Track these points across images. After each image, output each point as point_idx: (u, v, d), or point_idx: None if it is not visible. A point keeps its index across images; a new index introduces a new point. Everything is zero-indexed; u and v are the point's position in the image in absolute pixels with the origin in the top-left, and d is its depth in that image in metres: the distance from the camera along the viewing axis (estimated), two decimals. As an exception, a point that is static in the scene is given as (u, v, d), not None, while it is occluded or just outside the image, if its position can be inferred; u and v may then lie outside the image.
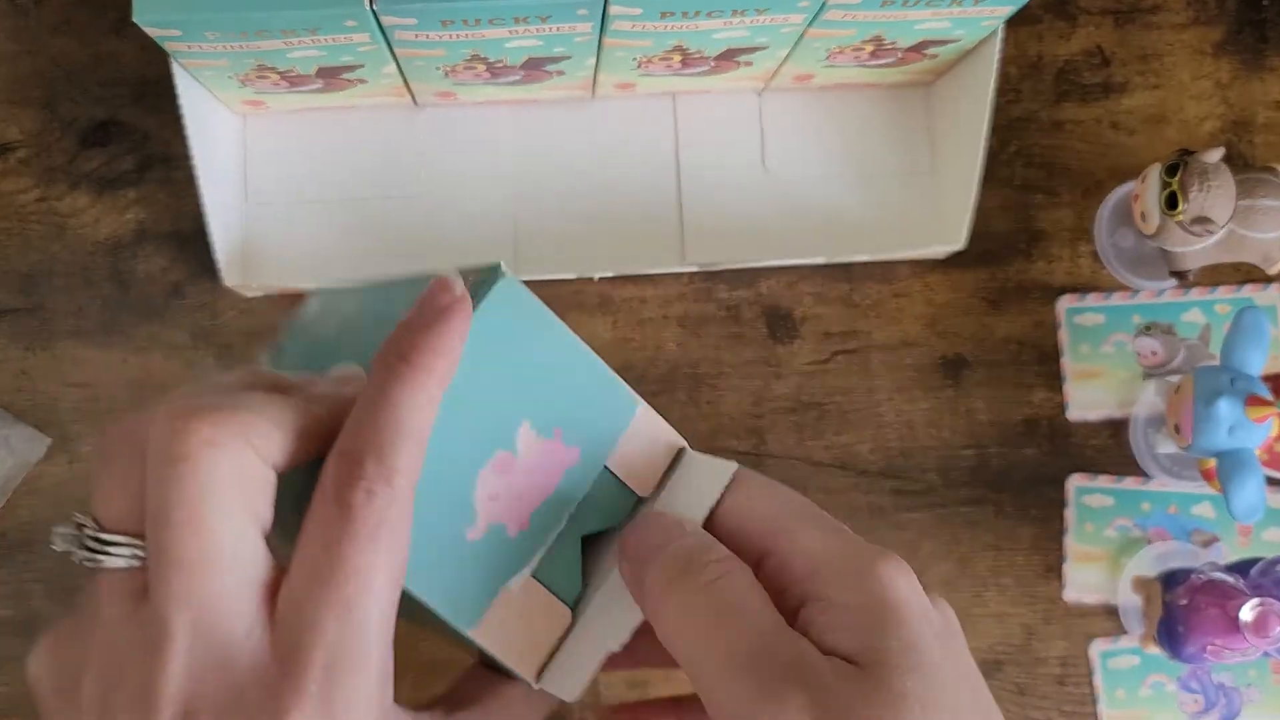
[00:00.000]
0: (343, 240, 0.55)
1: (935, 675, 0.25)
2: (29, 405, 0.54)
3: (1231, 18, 0.59)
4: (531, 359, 0.26)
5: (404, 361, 0.24)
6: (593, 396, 0.27)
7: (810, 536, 0.27)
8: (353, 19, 0.43)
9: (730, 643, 0.25)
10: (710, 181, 0.57)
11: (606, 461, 0.28)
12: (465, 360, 0.24)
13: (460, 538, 0.26)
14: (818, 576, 0.26)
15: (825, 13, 0.46)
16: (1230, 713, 0.56)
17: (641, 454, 0.28)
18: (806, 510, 0.29)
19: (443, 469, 0.25)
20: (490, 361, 0.24)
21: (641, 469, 0.28)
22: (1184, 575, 0.51)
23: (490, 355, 0.24)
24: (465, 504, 0.26)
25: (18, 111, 0.55)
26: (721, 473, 0.28)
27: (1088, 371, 0.57)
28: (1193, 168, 0.50)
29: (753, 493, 0.29)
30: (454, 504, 0.26)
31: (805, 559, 0.27)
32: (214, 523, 0.22)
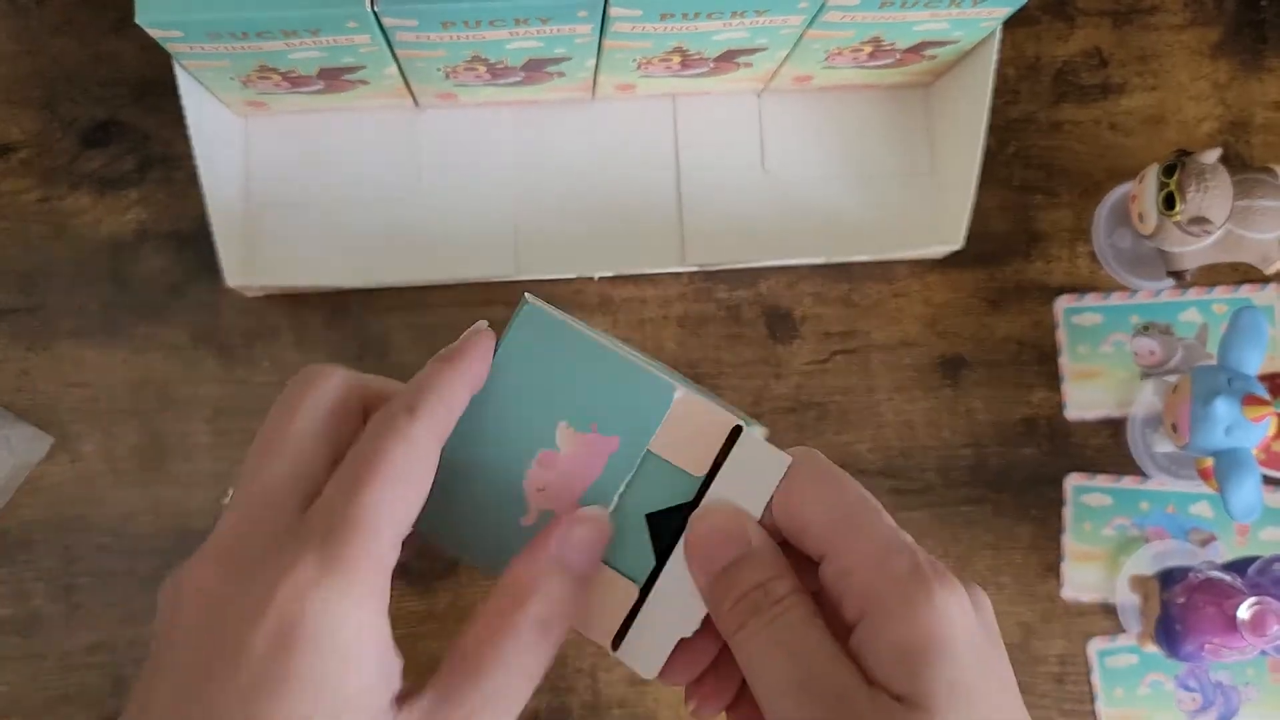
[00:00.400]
0: (344, 240, 0.55)
1: (976, 711, 0.26)
2: (30, 405, 0.54)
3: (1230, 19, 0.59)
4: (561, 367, 0.31)
5: (444, 360, 0.31)
6: (625, 389, 0.30)
7: (866, 548, 0.28)
8: (354, 20, 0.43)
9: (786, 671, 0.27)
10: (710, 182, 0.57)
11: (650, 446, 0.30)
12: (503, 379, 0.30)
13: (517, 525, 0.31)
14: (871, 596, 0.27)
15: (824, 14, 0.46)
16: (1228, 711, 0.57)
17: (688, 436, 0.30)
18: (864, 511, 0.29)
19: (496, 470, 0.31)
20: (525, 376, 0.29)
21: (691, 449, 0.30)
22: (1182, 574, 0.51)
23: (524, 371, 0.29)
24: (518, 497, 0.31)
25: (19, 112, 0.56)
26: (776, 465, 0.29)
27: (1086, 371, 0.57)
28: (1190, 168, 0.50)
29: (810, 488, 0.29)
30: (508, 498, 0.31)
31: (861, 575, 0.27)
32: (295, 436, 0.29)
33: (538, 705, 0.54)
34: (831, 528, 0.28)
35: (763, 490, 0.29)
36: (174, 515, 0.54)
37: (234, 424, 0.55)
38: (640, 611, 0.30)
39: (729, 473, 0.29)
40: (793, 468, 0.29)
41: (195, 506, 0.54)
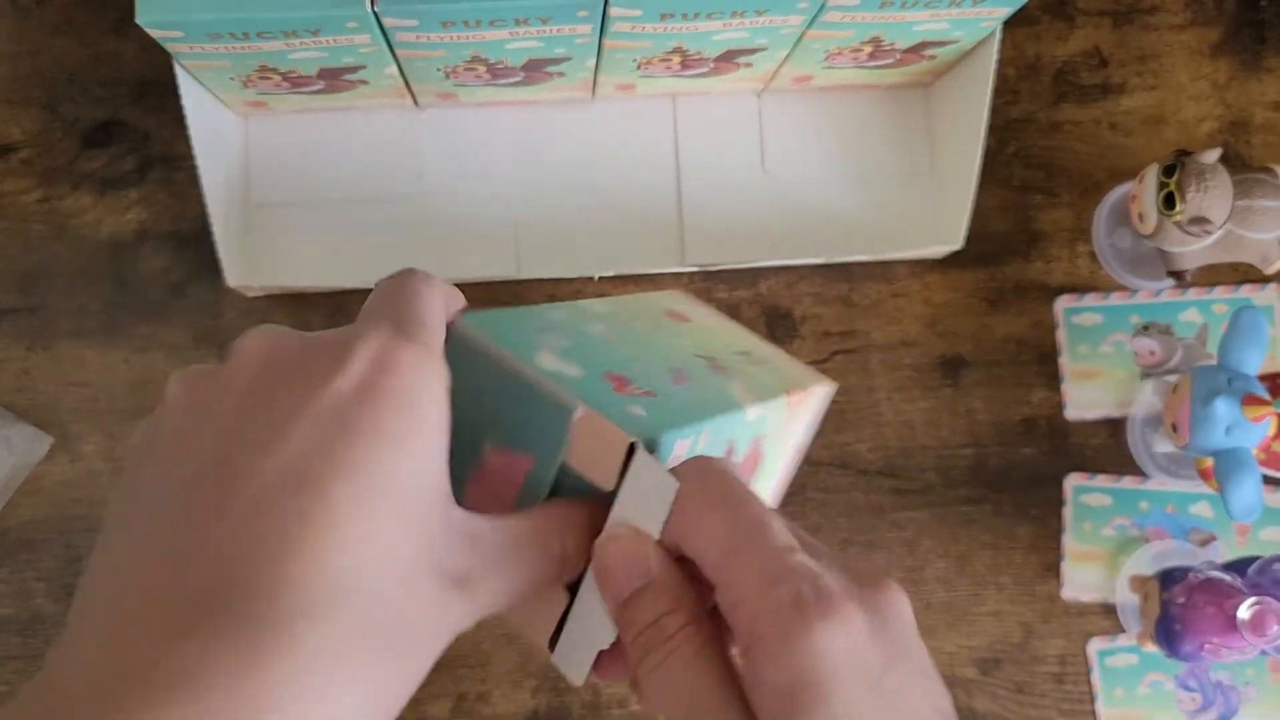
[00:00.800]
0: (344, 240, 0.56)
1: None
2: (30, 405, 0.54)
3: (1229, 19, 0.59)
4: (482, 391, 0.31)
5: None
6: (532, 408, 0.30)
7: (750, 580, 0.26)
8: (354, 20, 0.43)
9: (675, 711, 0.27)
10: (710, 182, 0.57)
11: (563, 460, 0.30)
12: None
13: None
14: (754, 632, 0.26)
15: (824, 14, 0.46)
16: (1228, 711, 0.57)
17: (592, 451, 0.30)
18: (751, 538, 0.27)
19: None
20: (457, 398, 0.28)
21: (598, 464, 0.30)
22: (1182, 574, 0.51)
23: (457, 398, 0.28)
24: None
25: (19, 112, 0.56)
26: (666, 490, 0.28)
27: (1086, 371, 0.57)
28: (1190, 168, 0.50)
29: (697, 515, 0.28)
30: None
31: (746, 609, 0.26)
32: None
33: (537, 705, 0.54)
34: (719, 558, 0.27)
35: (659, 512, 0.28)
36: (174, 515, 0.54)
37: (234, 424, 0.55)
38: (565, 620, 0.30)
39: (627, 494, 0.29)
40: (682, 491, 0.28)
41: (196, 506, 0.54)
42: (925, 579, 0.56)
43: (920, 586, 0.56)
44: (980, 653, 0.56)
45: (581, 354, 0.33)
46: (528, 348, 0.32)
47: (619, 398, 0.31)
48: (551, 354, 0.32)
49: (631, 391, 0.32)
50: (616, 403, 0.31)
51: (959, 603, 0.56)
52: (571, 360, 0.32)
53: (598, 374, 0.32)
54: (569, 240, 0.56)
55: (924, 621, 0.56)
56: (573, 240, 0.56)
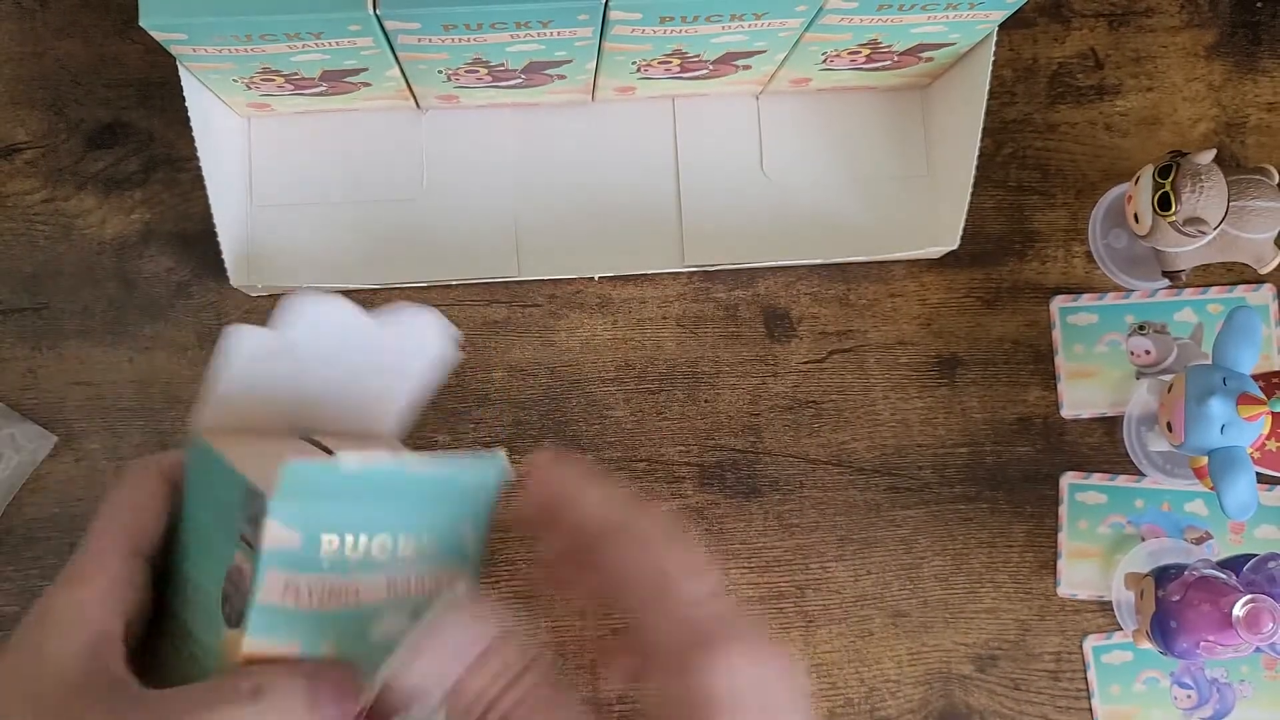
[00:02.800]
0: (345, 241, 0.56)
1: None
2: (35, 404, 0.55)
3: (1224, 21, 0.59)
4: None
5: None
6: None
7: (664, 622, 0.31)
8: (356, 23, 0.43)
9: None
10: (708, 183, 0.57)
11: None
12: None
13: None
14: (663, 656, 0.30)
15: (822, 17, 0.47)
16: (1223, 708, 0.57)
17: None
18: (668, 586, 0.31)
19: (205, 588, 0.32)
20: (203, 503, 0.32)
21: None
22: (1177, 572, 0.51)
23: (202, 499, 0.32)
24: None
25: (24, 113, 0.56)
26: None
27: (1081, 370, 0.58)
28: (1185, 169, 0.51)
29: (631, 560, 0.31)
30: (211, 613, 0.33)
31: (656, 635, 0.30)
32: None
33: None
34: (639, 601, 0.31)
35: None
36: (178, 513, 0.55)
37: (237, 423, 0.55)
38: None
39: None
40: (621, 533, 0.31)
41: (199, 504, 0.55)
42: (922, 576, 0.56)
43: (917, 584, 0.56)
44: (977, 650, 0.56)
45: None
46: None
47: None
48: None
49: None
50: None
51: (955, 600, 0.56)
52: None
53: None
54: (569, 241, 0.56)
55: (921, 619, 0.56)
56: (573, 241, 0.56)
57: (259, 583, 0.29)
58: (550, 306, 0.57)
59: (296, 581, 0.29)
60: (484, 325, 0.56)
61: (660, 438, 0.56)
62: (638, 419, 0.56)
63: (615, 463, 0.56)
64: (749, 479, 0.56)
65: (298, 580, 0.29)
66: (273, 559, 0.29)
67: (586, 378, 0.56)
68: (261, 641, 0.29)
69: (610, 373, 0.57)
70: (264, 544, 0.29)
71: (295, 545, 0.29)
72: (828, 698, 0.56)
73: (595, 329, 0.57)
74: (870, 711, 0.56)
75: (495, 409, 0.56)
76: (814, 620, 0.56)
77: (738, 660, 0.29)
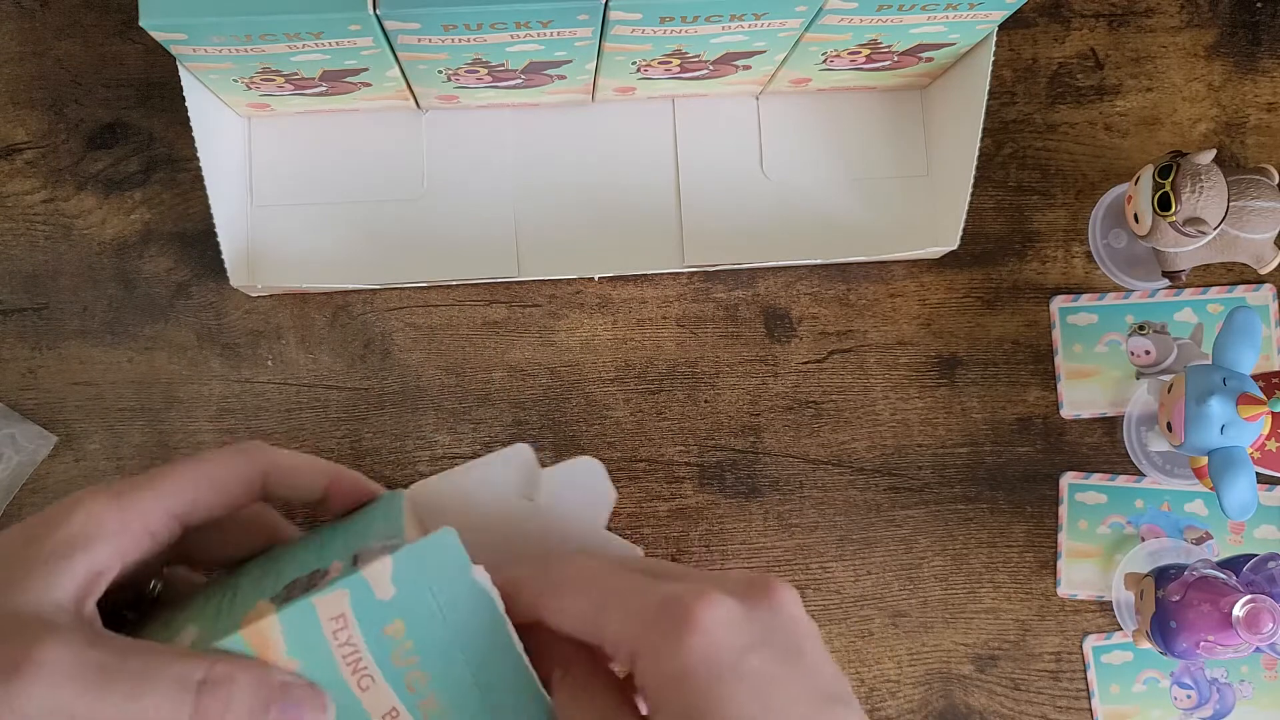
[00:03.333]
0: (346, 241, 0.56)
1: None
2: (35, 404, 0.55)
3: (1224, 21, 0.59)
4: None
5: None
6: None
7: (627, 623, 0.28)
8: (356, 23, 0.43)
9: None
10: (708, 183, 0.57)
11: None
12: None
13: None
14: (639, 650, 0.28)
15: (822, 17, 0.47)
16: (1223, 708, 0.57)
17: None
18: (613, 593, 0.29)
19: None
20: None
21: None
22: (1176, 572, 0.51)
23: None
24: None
25: (24, 113, 0.56)
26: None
27: (1081, 371, 0.58)
28: (1185, 169, 0.51)
29: (556, 602, 0.29)
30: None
31: (628, 641, 0.28)
32: None
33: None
34: (591, 626, 0.29)
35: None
36: (178, 513, 0.55)
37: (238, 423, 0.55)
38: None
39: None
40: (528, 584, 0.30)
41: (199, 504, 0.55)
42: (922, 576, 0.56)
43: (917, 584, 0.56)
44: (977, 650, 0.56)
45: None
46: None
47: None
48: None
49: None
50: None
51: (955, 600, 0.57)
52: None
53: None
54: (569, 241, 0.56)
55: (921, 619, 0.56)
56: (573, 241, 0.56)
57: (332, 590, 0.28)
58: (550, 306, 0.57)
59: (349, 627, 0.28)
60: (484, 325, 0.56)
61: (660, 438, 0.56)
62: (638, 419, 0.56)
63: (615, 462, 0.56)
64: (749, 479, 0.56)
65: (351, 628, 0.28)
66: (359, 587, 0.28)
67: (586, 378, 0.56)
68: (278, 632, 0.28)
69: (610, 373, 0.57)
70: (364, 570, 0.28)
71: (384, 597, 0.28)
72: (828, 698, 0.56)
73: (595, 329, 0.57)
74: (870, 712, 0.56)
75: (495, 409, 0.56)
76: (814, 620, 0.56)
77: (705, 619, 0.27)
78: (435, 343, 0.56)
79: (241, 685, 0.27)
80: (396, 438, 0.56)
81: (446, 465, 0.55)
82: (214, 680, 0.27)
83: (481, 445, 0.56)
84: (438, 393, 0.56)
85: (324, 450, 0.55)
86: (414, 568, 0.28)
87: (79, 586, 0.28)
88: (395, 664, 0.28)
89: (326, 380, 0.56)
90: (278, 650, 0.28)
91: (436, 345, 0.56)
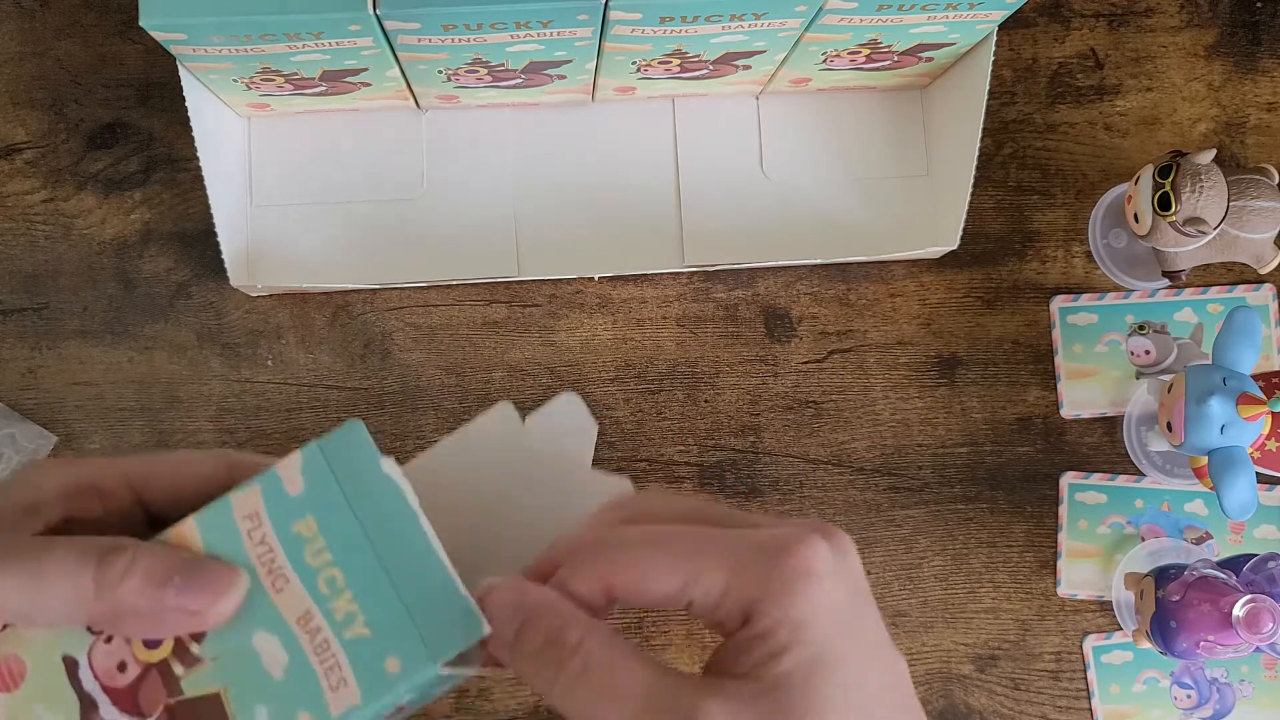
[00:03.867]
0: (346, 241, 0.56)
1: (847, 673, 0.27)
2: (35, 404, 0.55)
3: (1224, 21, 0.59)
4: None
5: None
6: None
7: (723, 578, 0.28)
8: (356, 23, 0.43)
9: (626, 699, 0.26)
10: (708, 183, 0.57)
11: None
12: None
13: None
14: (745, 602, 0.27)
15: (822, 17, 0.47)
16: (1223, 708, 0.57)
17: None
18: (703, 553, 0.28)
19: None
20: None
21: None
22: (1176, 572, 0.51)
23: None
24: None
25: (24, 113, 0.56)
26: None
27: (1081, 370, 0.58)
28: (1185, 169, 0.51)
29: (639, 573, 0.28)
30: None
31: (730, 596, 0.27)
32: None
33: (538, 701, 0.55)
34: (681, 589, 0.28)
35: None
36: (178, 513, 0.55)
37: (238, 423, 0.55)
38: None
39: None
40: (608, 557, 0.28)
41: (199, 504, 0.55)
42: (922, 576, 0.57)
43: (917, 584, 0.56)
44: (977, 649, 0.56)
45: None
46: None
47: None
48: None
49: None
50: None
51: (955, 600, 0.57)
52: None
53: None
54: (569, 241, 0.56)
55: (921, 618, 0.56)
56: (573, 241, 0.56)
57: (245, 487, 0.28)
58: (550, 306, 0.57)
59: (263, 525, 0.28)
60: (484, 325, 0.56)
61: (660, 438, 0.56)
62: (638, 419, 0.56)
63: (615, 463, 0.56)
64: (749, 479, 0.56)
65: (264, 526, 0.28)
66: (270, 482, 0.28)
67: (586, 378, 0.56)
68: (195, 533, 0.28)
69: (610, 373, 0.57)
70: (276, 466, 0.28)
71: (294, 493, 0.28)
72: (828, 698, 0.56)
73: (595, 329, 0.57)
74: (870, 711, 0.56)
75: (495, 409, 0.56)
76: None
77: (810, 561, 0.27)
78: (435, 343, 0.56)
79: (143, 553, 0.27)
80: (396, 438, 0.56)
81: (446, 465, 0.55)
82: (116, 548, 0.27)
83: (481, 445, 0.56)
84: (438, 393, 0.56)
85: (324, 450, 0.55)
86: (321, 460, 0.28)
87: (12, 513, 0.28)
88: (308, 562, 0.28)
89: (326, 380, 0.56)
90: (195, 547, 0.28)
91: (436, 345, 0.56)
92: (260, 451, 0.55)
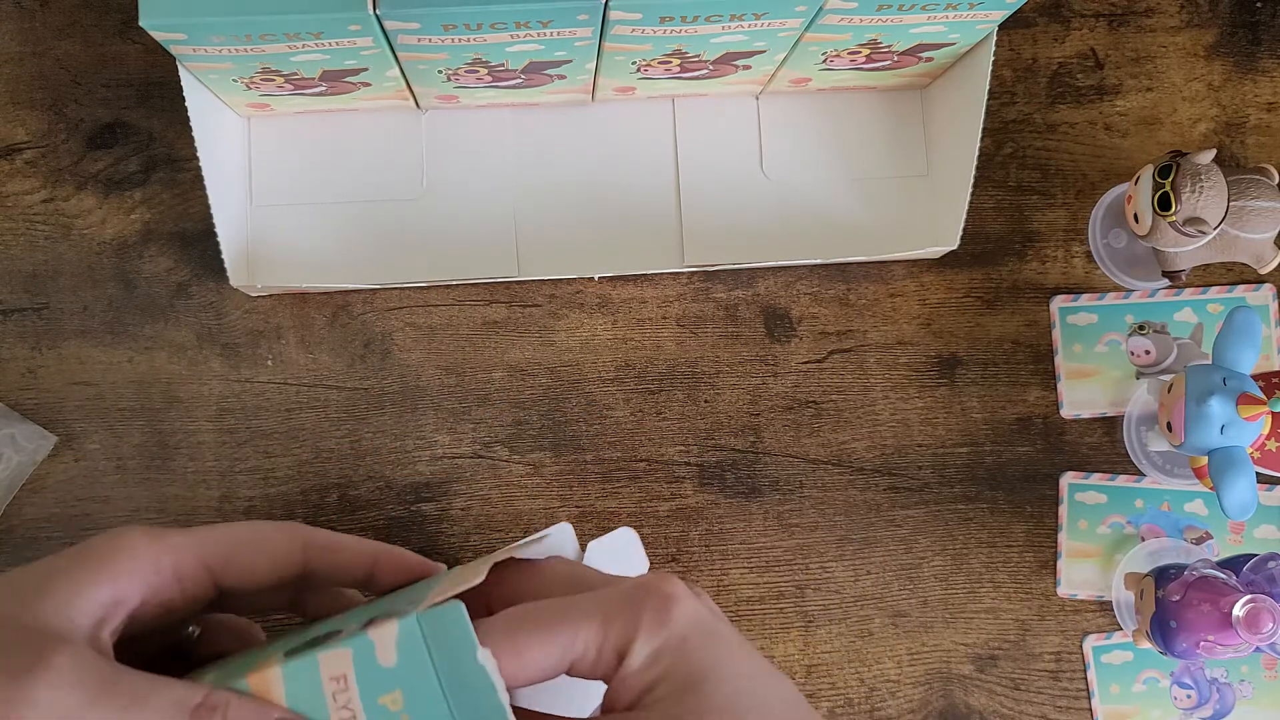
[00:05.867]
0: (346, 241, 0.56)
1: (734, 676, 0.29)
2: (35, 404, 0.55)
3: (1224, 21, 0.59)
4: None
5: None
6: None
7: (599, 632, 0.30)
8: (356, 23, 0.43)
9: None
10: (708, 183, 0.57)
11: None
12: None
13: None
14: (624, 640, 0.29)
15: (822, 17, 0.47)
16: (1223, 708, 0.57)
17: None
18: (574, 626, 0.30)
19: None
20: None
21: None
22: (1176, 572, 0.51)
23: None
24: None
25: (24, 113, 0.56)
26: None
27: (1081, 370, 0.58)
28: (1185, 169, 0.51)
29: (526, 657, 0.30)
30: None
31: (607, 646, 0.29)
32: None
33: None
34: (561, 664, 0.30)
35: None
36: (178, 513, 0.55)
37: (239, 423, 0.55)
38: None
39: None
40: (496, 646, 0.29)
41: (199, 505, 0.55)
42: (922, 576, 0.57)
43: (917, 584, 0.56)
44: (977, 649, 0.56)
45: None
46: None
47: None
48: None
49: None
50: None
51: (955, 600, 0.57)
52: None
53: None
54: (569, 241, 0.56)
55: (921, 618, 0.56)
56: (572, 241, 0.56)
57: (336, 647, 0.28)
58: (550, 306, 0.57)
59: (349, 689, 0.28)
60: (484, 325, 0.56)
61: (660, 438, 0.56)
62: (638, 419, 0.56)
63: (615, 462, 0.56)
64: (749, 479, 0.56)
65: (351, 691, 0.28)
66: (362, 648, 0.28)
67: (586, 378, 0.56)
68: (280, 682, 0.28)
69: (610, 373, 0.57)
70: (370, 631, 0.28)
71: (387, 664, 0.28)
72: (827, 698, 0.56)
73: (595, 329, 0.57)
74: (870, 711, 0.56)
75: (495, 409, 0.56)
76: (814, 620, 0.56)
77: (683, 593, 0.30)
78: (435, 342, 0.56)
79: (235, 708, 0.28)
80: (396, 437, 0.56)
81: (446, 465, 0.55)
82: (209, 704, 0.28)
83: (481, 445, 0.56)
84: (438, 393, 0.56)
85: (324, 449, 0.55)
86: (419, 637, 0.28)
87: (100, 608, 0.30)
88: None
89: (326, 380, 0.56)
90: (278, 700, 0.28)
91: (436, 345, 0.56)
92: (260, 452, 0.55)
